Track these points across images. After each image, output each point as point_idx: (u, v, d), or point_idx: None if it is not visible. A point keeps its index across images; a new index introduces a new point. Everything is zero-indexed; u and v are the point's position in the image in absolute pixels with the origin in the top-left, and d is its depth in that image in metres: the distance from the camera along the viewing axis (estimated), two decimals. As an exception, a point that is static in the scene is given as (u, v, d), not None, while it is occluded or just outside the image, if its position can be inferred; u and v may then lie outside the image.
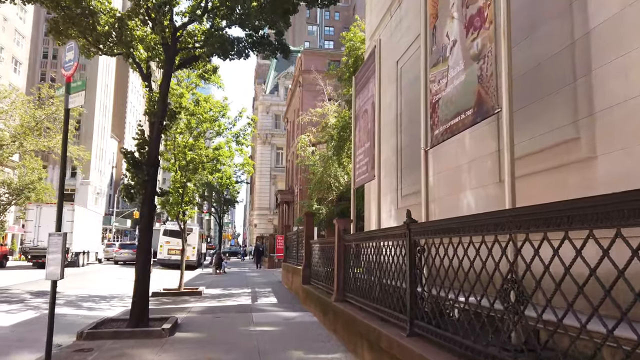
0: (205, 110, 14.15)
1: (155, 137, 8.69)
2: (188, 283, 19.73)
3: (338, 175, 30.11)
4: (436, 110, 6.19)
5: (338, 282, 8.65)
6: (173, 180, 14.98)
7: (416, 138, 10.03)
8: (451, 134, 5.71)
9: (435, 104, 6.23)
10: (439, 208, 8.55)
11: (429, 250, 4.79)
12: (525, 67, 5.75)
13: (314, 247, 12.20)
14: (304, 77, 37.48)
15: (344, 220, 8.89)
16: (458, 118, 5.52)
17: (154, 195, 8.81)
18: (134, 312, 8.44)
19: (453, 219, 4.44)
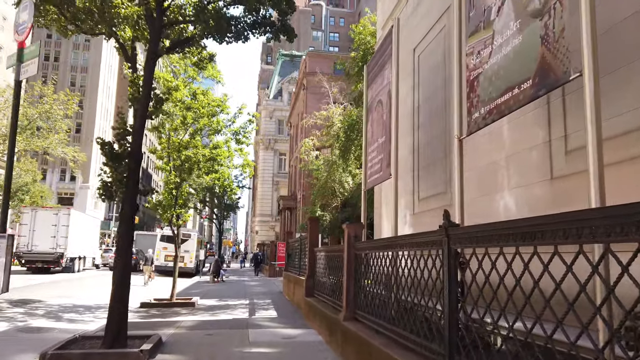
0: (203, 105, 13.00)
1: (138, 127, 7.53)
2: (183, 292, 18.51)
3: (343, 181, 28.94)
4: (475, 89, 5.00)
5: (348, 297, 7.43)
6: (166, 181, 13.82)
7: (437, 134, 8.86)
8: (499, 115, 4.51)
9: (473, 81, 5.04)
10: (466, 213, 7.32)
11: (474, 263, 3.60)
12: (607, 22, 4.48)
13: (319, 255, 10.98)
14: (308, 79, 36.43)
15: (354, 225, 7.68)
16: (509, 94, 4.32)
17: (136, 194, 7.63)
18: (109, 329, 7.24)
19: (516, 221, 3.24)
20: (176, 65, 14.17)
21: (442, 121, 8.41)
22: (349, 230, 7.57)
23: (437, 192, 8.53)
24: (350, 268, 7.47)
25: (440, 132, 8.45)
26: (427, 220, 8.99)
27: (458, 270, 3.92)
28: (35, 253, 27.01)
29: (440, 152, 8.40)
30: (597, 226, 2.28)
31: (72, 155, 30.23)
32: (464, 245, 3.83)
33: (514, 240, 3.07)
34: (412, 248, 4.90)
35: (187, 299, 14.35)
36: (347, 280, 7.48)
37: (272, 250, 31.47)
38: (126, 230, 7.56)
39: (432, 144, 8.90)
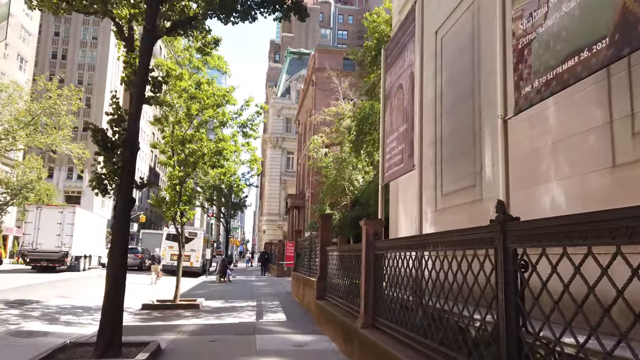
0: (208, 95, 12.27)
1: (134, 112, 6.81)
2: (187, 293, 17.83)
3: (353, 179, 28.15)
4: (525, 58, 4.20)
5: (366, 302, 6.65)
6: (169, 176, 13.12)
7: (463, 122, 8.00)
8: (561, 85, 3.71)
9: (523, 49, 4.24)
10: (500, 208, 6.52)
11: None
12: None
13: (332, 255, 10.20)
14: (317, 75, 35.66)
15: (374, 222, 6.89)
16: (574, 60, 3.53)
17: (132, 186, 6.90)
18: (101, 336, 6.52)
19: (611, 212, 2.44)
20: (180, 55, 13.46)
21: (469, 107, 7.61)
22: (367, 227, 6.79)
23: (464, 187, 7.72)
24: (369, 270, 6.70)
25: (468, 120, 7.65)
26: (451, 218, 8.20)
27: (517, 274, 3.14)
28: (39, 252, 26.50)
29: (468, 141, 7.60)
30: None
31: (77, 152, 29.66)
32: (525, 244, 3.04)
33: (611, 238, 2.29)
34: (450, 247, 4.11)
35: (191, 301, 13.64)
36: (366, 284, 6.71)
37: (280, 250, 30.75)
38: (121, 226, 6.85)
39: (457, 133, 8.09)
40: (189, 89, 12.03)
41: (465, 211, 7.58)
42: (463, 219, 7.58)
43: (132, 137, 6.84)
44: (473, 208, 7.27)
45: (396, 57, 8.22)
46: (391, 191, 12.36)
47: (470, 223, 7.26)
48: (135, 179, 7.18)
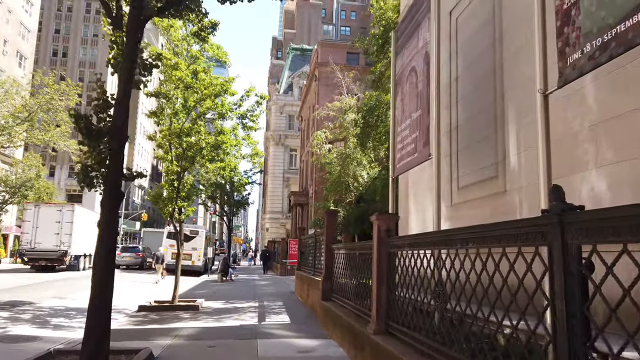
0: (205, 85, 11.63)
1: (121, 97, 6.17)
2: (187, 293, 17.26)
3: (357, 175, 27.50)
4: (572, 20, 3.54)
5: (379, 306, 6.01)
6: (166, 171, 12.52)
7: (483, 107, 7.26)
8: (624, 46, 3.04)
9: (569, 9, 3.58)
10: (528, 200, 5.86)
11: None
12: None
13: (338, 254, 9.57)
14: (320, 70, 34.98)
15: (386, 217, 6.25)
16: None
17: (120, 178, 6.28)
18: (86, 345, 5.90)
19: None
20: (178, 45, 12.82)
21: (489, 91, 6.95)
22: (379, 223, 6.15)
23: (483, 178, 7.06)
24: (381, 269, 6.06)
25: (487, 105, 6.98)
26: (468, 213, 7.53)
27: (581, 277, 2.48)
28: (38, 251, 25.96)
29: (487, 129, 6.94)
30: None
31: (75, 149, 29.06)
32: (595, 240, 2.38)
33: None
34: (486, 244, 3.44)
35: (190, 302, 13.04)
36: (377, 285, 6.07)
37: (283, 248, 30.14)
38: (108, 223, 6.22)
39: (475, 120, 7.43)
40: (185, 78, 11.39)
41: (485, 205, 6.92)
42: (483, 213, 6.93)
43: (119, 124, 6.21)
44: (495, 201, 6.61)
45: (408, 38, 7.55)
46: (400, 185, 11.70)
47: (492, 218, 6.61)
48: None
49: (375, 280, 6.08)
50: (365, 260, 7.28)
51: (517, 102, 6.13)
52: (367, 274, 7.12)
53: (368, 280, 7.14)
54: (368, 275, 7.07)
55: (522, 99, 5.94)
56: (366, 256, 7.23)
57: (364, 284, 7.34)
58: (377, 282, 6.07)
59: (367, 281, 7.18)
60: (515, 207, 6.08)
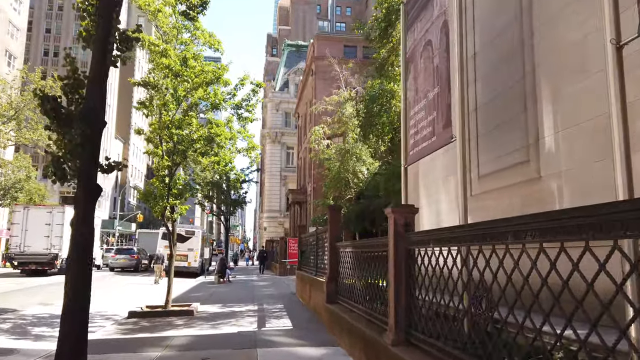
0: (196, 72, 10.78)
1: (95, 76, 5.35)
2: (183, 296, 16.43)
3: (357, 171, 26.67)
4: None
5: (397, 312, 5.20)
6: (156, 167, 11.66)
7: (510, 83, 6.46)
8: None
9: None
10: (570, 186, 5.05)
11: None
12: None
13: (344, 252, 8.74)
14: (317, 64, 34.11)
15: (404, 209, 5.43)
16: None
17: (96, 170, 5.44)
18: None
19: None
20: (167, 32, 11.95)
21: (516, 66, 6.13)
22: (396, 216, 5.33)
23: (511, 164, 6.24)
24: (399, 270, 5.24)
25: (514, 82, 6.17)
26: (492, 204, 6.71)
27: None
28: (28, 254, 25.03)
29: (516, 108, 6.12)
30: None
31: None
32: None
33: None
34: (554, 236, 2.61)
35: (184, 306, 12.20)
36: (395, 287, 5.25)
37: (282, 247, 29.30)
38: (82, 222, 5.38)
39: (499, 100, 6.61)
40: (174, 66, 10.52)
41: (513, 194, 6.11)
42: (511, 203, 6.12)
43: (92, 106, 5.36)
44: (526, 189, 5.80)
45: (421, 9, 6.73)
46: (408, 177, 10.87)
47: (523, 208, 5.78)
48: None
49: (393, 282, 5.27)
50: (377, 259, 6.47)
51: (554, 75, 5.32)
52: (379, 274, 6.31)
53: (381, 281, 6.34)
54: (381, 276, 6.27)
55: (561, 70, 5.13)
56: (379, 255, 6.42)
57: (375, 285, 6.54)
58: (394, 284, 5.25)
59: (378, 281, 6.38)
60: (552, 195, 5.28)
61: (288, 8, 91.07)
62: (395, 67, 14.76)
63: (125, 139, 78.45)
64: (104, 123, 5.64)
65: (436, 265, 4.37)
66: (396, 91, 14.67)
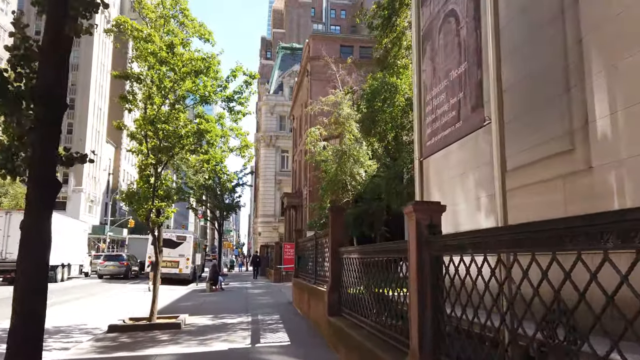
0: (183, 61, 9.81)
1: (51, 46, 4.35)
2: (171, 305, 15.36)
3: (354, 173, 25.75)
4: None
5: (422, 333, 4.24)
6: (140, 165, 10.66)
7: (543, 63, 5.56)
8: None
9: None
10: (636, 178, 4.12)
11: None
12: None
13: (349, 259, 7.77)
14: (312, 64, 33.23)
15: (428, 206, 4.48)
16: None
17: (53, 162, 4.46)
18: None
19: None
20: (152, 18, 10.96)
21: (558, 37, 5.21)
22: (418, 215, 4.38)
23: (549, 155, 5.32)
24: (423, 281, 4.29)
25: (555, 56, 5.24)
26: (525, 202, 5.77)
27: None
28: (9, 262, 23.74)
29: (556, 87, 5.20)
30: None
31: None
32: None
33: None
34: None
35: (171, 318, 11.16)
36: (419, 302, 4.29)
37: (277, 252, 28.25)
38: (35, 225, 4.39)
39: (534, 79, 5.69)
40: (159, 52, 9.53)
41: (553, 189, 5.18)
42: (551, 200, 5.19)
43: (47, 84, 4.37)
44: (571, 183, 4.87)
45: (440, -23, 5.80)
46: (415, 177, 9.94)
47: (568, 207, 4.85)
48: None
49: (416, 296, 4.30)
50: (391, 267, 5.52)
51: (607, 46, 4.40)
52: (394, 285, 5.36)
53: (391, 290, 5.39)
54: (395, 286, 5.32)
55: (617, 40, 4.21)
56: (393, 262, 5.47)
57: (389, 297, 5.58)
58: (417, 299, 4.29)
59: (390, 290, 5.43)
60: (609, 189, 4.35)
61: (282, 11, 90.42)
62: (399, 60, 13.89)
63: (117, 144, 77.15)
64: (65, 105, 4.65)
65: (467, 275, 3.43)
66: (400, 85, 13.77)
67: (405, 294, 5.15)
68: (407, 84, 13.85)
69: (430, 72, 6.08)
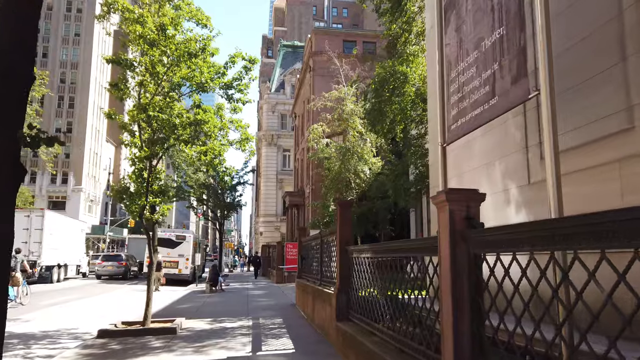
0: (176, 43, 9.06)
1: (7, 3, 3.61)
2: (167, 309, 14.65)
3: (358, 170, 25.03)
4: None
5: (458, 348, 3.49)
6: (133, 159, 9.94)
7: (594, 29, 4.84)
8: None
9: None
10: None
11: None
12: None
13: (360, 258, 7.01)
14: (314, 59, 32.49)
15: (465, 193, 3.73)
16: None
17: (16, 143, 3.72)
18: None
19: None
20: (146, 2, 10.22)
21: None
22: (452, 205, 3.65)
23: (602, 135, 4.55)
24: (459, 284, 3.54)
25: (608, 19, 4.48)
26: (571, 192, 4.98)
27: None
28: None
29: (611, 54, 4.43)
30: None
31: (42, 150, 26.22)
32: None
33: None
34: None
35: (167, 322, 10.42)
36: (454, 311, 3.54)
37: (279, 252, 27.51)
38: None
39: (582, 45, 4.91)
40: (148, 34, 8.77)
41: (605, 177, 4.43)
42: (604, 191, 4.43)
43: (10, 51, 3.63)
44: (631, 169, 4.10)
45: None
46: (431, 169, 9.18)
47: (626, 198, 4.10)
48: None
49: (450, 302, 3.55)
50: (413, 267, 4.78)
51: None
52: (416, 288, 4.62)
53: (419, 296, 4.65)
54: (418, 290, 4.58)
55: None
56: (417, 262, 4.72)
57: (409, 302, 4.84)
58: (452, 306, 3.54)
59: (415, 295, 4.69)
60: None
61: (284, 9, 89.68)
62: (409, 47, 13.16)
63: (116, 142, 76.45)
64: (30, 77, 3.91)
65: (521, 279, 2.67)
66: (410, 74, 13.03)
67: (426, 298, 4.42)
68: (417, 73, 13.12)
69: (456, 44, 5.32)
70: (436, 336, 4.33)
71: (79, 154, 63.26)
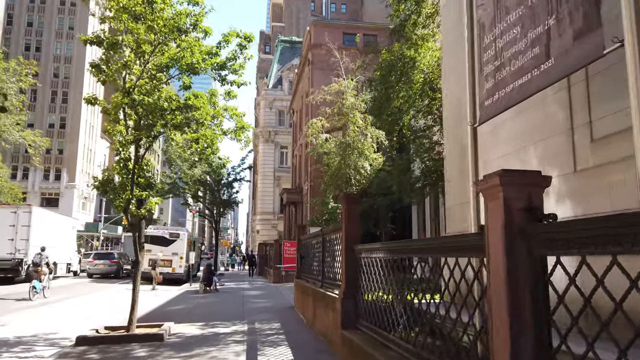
0: (165, 19, 8.15)
1: None
2: (156, 311, 13.77)
3: (359, 166, 24.15)
4: None
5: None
6: (116, 148, 9.04)
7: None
8: None
9: None
10: None
11: None
12: None
13: (370, 259, 6.13)
14: (313, 52, 31.57)
15: (524, 177, 2.85)
16: None
17: None
18: None
19: None
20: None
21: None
22: (507, 192, 2.79)
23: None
24: (518, 295, 2.67)
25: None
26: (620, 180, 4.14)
27: None
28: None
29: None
30: None
31: (32, 140, 25.23)
32: None
33: None
34: None
35: (154, 327, 9.54)
36: (512, 328, 2.67)
37: (277, 251, 26.63)
38: None
39: None
40: (132, 5, 7.85)
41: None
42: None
43: None
44: None
45: None
46: (448, 158, 8.30)
47: None
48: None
49: (507, 318, 2.68)
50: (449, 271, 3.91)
51: None
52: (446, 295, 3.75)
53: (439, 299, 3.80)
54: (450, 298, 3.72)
55: None
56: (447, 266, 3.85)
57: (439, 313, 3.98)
58: (509, 322, 2.67)
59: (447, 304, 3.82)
60: None
61: (281, 4, 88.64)
62: (418, 29, 12.28)
63: (111, 138, 75.40)
64: None
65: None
66: (418, 59, 12.17)
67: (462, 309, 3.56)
68: (426, 59, 12.26)
69: (492, 4, 4.44)
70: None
71: (73, 150, 62.16)
